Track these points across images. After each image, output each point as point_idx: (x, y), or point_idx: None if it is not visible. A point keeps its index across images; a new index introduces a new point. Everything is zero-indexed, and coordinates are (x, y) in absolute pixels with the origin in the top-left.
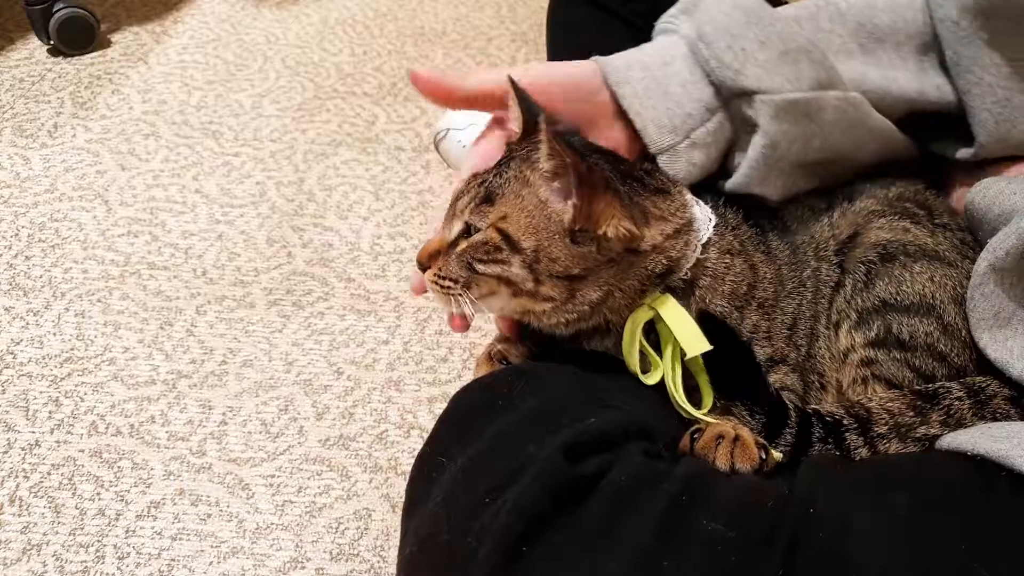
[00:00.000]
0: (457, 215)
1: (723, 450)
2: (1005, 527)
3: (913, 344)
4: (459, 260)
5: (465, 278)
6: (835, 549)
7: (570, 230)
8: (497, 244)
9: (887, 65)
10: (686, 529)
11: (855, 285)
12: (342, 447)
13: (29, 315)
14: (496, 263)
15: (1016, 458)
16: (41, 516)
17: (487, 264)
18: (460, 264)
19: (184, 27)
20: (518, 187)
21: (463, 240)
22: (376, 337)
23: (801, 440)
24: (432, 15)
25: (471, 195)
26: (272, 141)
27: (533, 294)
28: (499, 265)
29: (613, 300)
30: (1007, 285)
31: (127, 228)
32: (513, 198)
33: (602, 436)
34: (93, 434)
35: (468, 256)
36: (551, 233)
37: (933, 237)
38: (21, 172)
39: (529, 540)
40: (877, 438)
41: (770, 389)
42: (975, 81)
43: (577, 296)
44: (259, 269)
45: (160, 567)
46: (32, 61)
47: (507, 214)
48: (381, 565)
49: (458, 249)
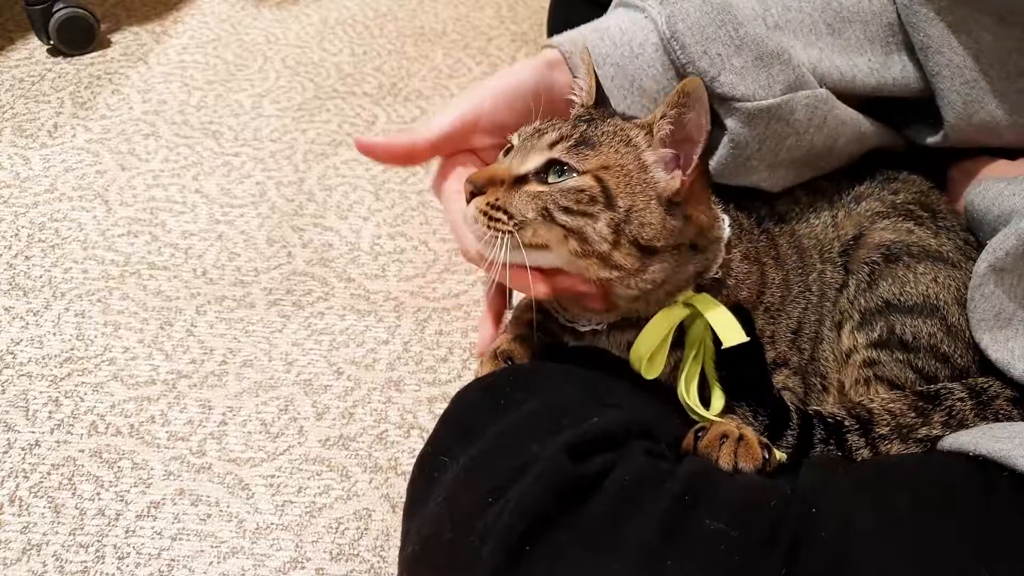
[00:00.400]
0: (536, 149)
1: (727, 449)
2: (1006, 527)
3: (916, 345)
4: (532, 200)
5: (528, 220)
6: (837, 549)
7: (669, 200)
8: (594, 195)
9: (854, 47)
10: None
11: (858, 285)
12: (342, 447)
13: (29, 315)
14: (583, 215)
15: (1018, 458)
16: (41, 516)
17: (572, 215)
18: (531, 204)
19: (184, 27)
20: (618, 144)
21: (541, 179)
22: (376, 337)
23: (803, 441)
24: (432, 15)
25: (558, 132)
26: (272, 141)
27: (604, 258)
28: (584, 218)
29: (664, 289)
30: (1007, 285)
31: (127, 228)
32: (613, 152)
33: (605, 435)
34: (93, 434)
35: (552, 200)
36: (647, 198)
37: (937, 238)
38: (21, 172)
39: (532, 539)
40: (879, 439)
41: (774, 391)
42: (945, 63)
43: (646, 272)
44: (259, 269)
45: (160, 567)
46: (32, 61)
47: (608, 165)
48: (381, 565)
49: (538, 189)
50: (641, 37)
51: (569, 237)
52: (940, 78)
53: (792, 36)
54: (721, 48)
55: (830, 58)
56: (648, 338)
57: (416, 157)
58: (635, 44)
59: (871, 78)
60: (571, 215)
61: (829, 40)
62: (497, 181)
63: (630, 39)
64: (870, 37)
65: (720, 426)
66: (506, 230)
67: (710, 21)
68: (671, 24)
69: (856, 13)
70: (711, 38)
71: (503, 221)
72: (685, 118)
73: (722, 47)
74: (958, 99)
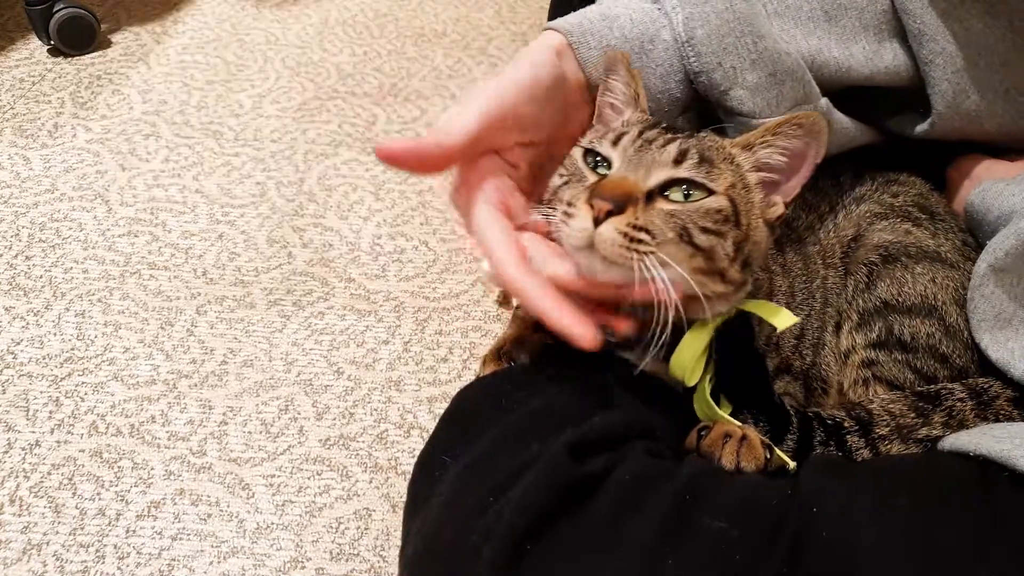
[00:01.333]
0: (658, 163)
1: (729, 449)
2: (1007, 527)
3: (914, 345)
4: (670, 219)
5: (666, 240)
6: (838, 549)
7: (772, 223)
8: (728, 215)
9: (849, 35)
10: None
11: (856, 286)
12: (342, 447)
13: (29, 315)
14: (717, 235)
15: (1018, 459)
16: (41, 516)
17: (709, 235)
18: (670, 224)
19: (184, 27)
20: (727, 162)
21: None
22: (376, 337)
23: (803, 444)
24: (432, 15)
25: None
26: (272, 141)
27: (722, 274)
28: (718, 238)
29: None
30: (1007, 286)
31: (127, 228)
32: (728, 171)
33: (606, 435)
34: (93, 434)
35: (691, 220)
36: (757, 218)
37: (935, 239)
38: (21, 172)
39: (533, 539)
40: (879, 439)
41: (775, 397)
42: (938, 51)
43: (745, 286)
44: (259, 269)
45: (160, 567)
46: (32, 61)
47: (734, 184)
48: (381, 565)
49: (672, 207)
50: (652, 32)
51: (697, 255)
52: (932, 66)
53: (792, 24)
54: (737, 61)
55: (828, 47)
56: (690, 348)
57: (445, 162)
58: (646, 39)
59: (865, 67)
60: (708, 235)
61: (826, 27)
62: (633, 199)
63: (641, 33)
64: (864, 24)
65: (723, 426)
66: (649, 251)
67: (730, 31)
68: (689, 28)
69: (851, 0)
70: (728, 49)
71: (646, 243)
72: (793, 150)
73: (738, 60)
74: (948, 87)
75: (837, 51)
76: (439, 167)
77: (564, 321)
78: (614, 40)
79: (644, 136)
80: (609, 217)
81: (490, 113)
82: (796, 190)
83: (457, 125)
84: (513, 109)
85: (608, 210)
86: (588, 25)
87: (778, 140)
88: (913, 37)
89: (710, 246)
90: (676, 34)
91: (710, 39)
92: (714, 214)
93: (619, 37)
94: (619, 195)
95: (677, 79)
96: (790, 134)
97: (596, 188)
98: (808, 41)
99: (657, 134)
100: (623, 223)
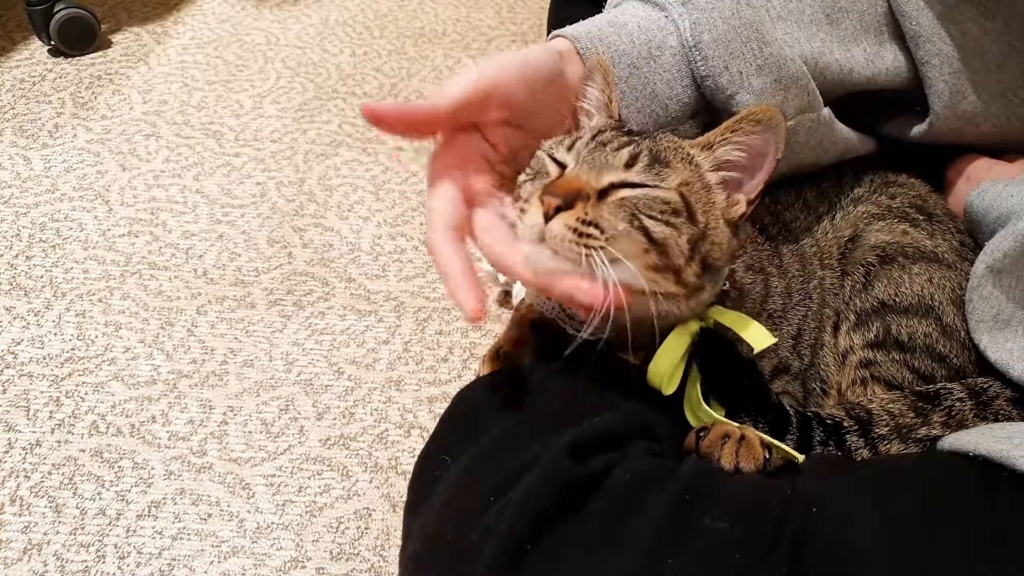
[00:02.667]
0: (610, 167)
1: (728, 449)
2: (1006, 527)
3: (912, 345)
4: (620, 208)
5: (617, 233)
6: (839, 548)
7: (734, 222)
8: (678, 208)
9: (850, 37)
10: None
11: (854, 286)
12: (342, 447)
13: (30, 315)
14: (669, 225)
15: (1017, 459)
16: (42, 516)
17: (659, 222)
18: (620, 214)
19: (185, 28)
20: (684, 162)
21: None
22: (376, 337)
23: (802, 444)
24: (432, 16)
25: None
26: (273, 141)
27: (677, 272)
28: (671, 229)
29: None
30: (1006, 287)
31: (128, 228)
32: (684, 170)
33: (606, 435)
34: (94, 434)
35: (638, 208)
36: (716, 217)
37: (932, 239)
38: (22, 172)
39: (534, 539)
40: (878, 439)
41: (773, 398)
42: (935, 52)
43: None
44: (260, 269)
45: (161, 566)
46: (33, 62)
47: (688, 182)
48: (381, 564)
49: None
50: (660, 39)
51: (650, 250)
52: (930, 67)
53: (796, 27)
54: (743, 66)
55: (831, 50)
56: (667, 355)
57: (434, 125)
58: (653, 46)
59: (867, 69)
60: (659, 224)
61: (828, 30)
62: (583, 195)
63: (648, 39)
64: (865, 27)
65: (722, 426)
66: (598, 245)
67: (736, 36)
68: (696, 33)
69: (852, 2)
70: (735, 54)
71: (595, 236)
72: (753, 146)
73: (744, 65)
74: (945, 88)
75: (839, 53)
76: (424, 129)
77: (457, 289)
78: (623, 46)
79: (598, 139)
80: (559, 212)
81: (484, 85)
82: (759, 187)
83: (451, 91)
84: (505, 86)
85: (557, 206)
86: (597, 32)
87: (736, 136)
88: (910, 39)
89: (663, 237)
90: (683, 39)
91: (717, 43)
92: (662, 204)
93: (627, 43)
94: (569, 192)
95: (684, 84)
96: (748, 130)
97: (548, 186)
98: (811, 44)
99: (612, 136)
100: (572, 218)
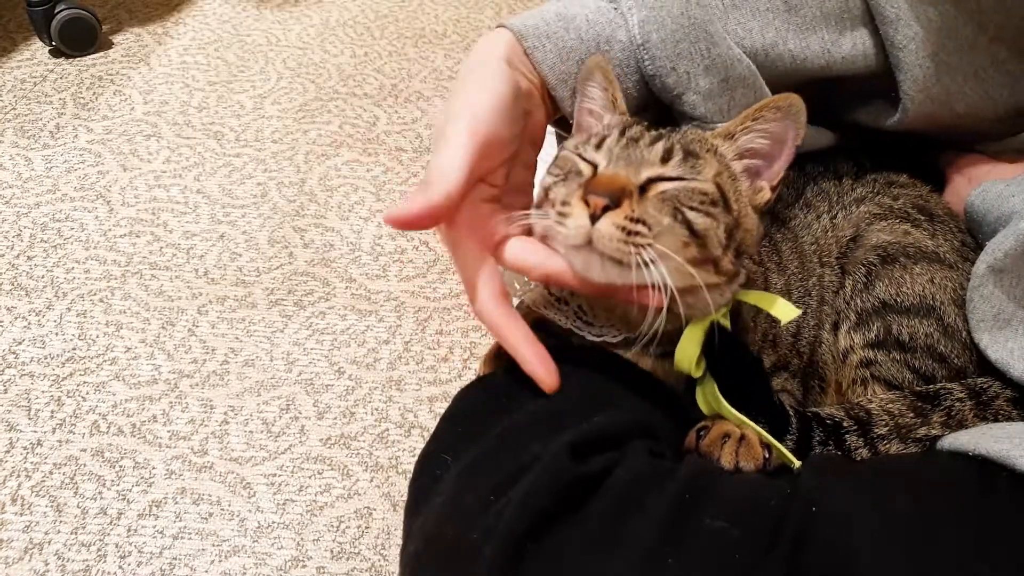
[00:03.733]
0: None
1: (728, 448)
2: (1006, 527)
3: (913, 345)
4: (663, 203)
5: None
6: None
7: (760, 209)
8: (715, 198)
9: (808, 25)
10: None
11: (855, 286)
12: (343, 446)
13: (31, 315)
14: (709, 216)
15: (1017, 459)
16: (43, 515)
17: (700, 214)
18: (663, 208)
19: (185, 28)
20: (711, 154)
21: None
22: (377, 337)
23: (802, 444)
24: (432, 16)
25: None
26: (273, 142)
27: (716, 262)
28: (711, 219)
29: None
30: (1006, 286)
31: (129, 228)
32: (713, 161)
33: (607, 435)
34: (95, 433)
35: (679, 201)
36: (745, 205)
37: (933, 239)
38: (23, 172)
39: (534, 538)
40: (877, 439)
41: (774, 398)
42: (912, 35)
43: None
44: (260, 269)
45: (162, 566)
46: (34, 62)
47: (720, 172)
48: (382, 563)
49: (662, 189)
50: (608, 33)
51: (691, 243)
52: (906, 51)
53: (750, 16)
54: (691, 66)
55: (784, 40)
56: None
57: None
58: (602, 40)
59: (821, 58)
60: (701, 215)
61: (786, 18)
62: (627, 193)
63: (597, 34)
64: (825, 14)
65: (722, 425)
66: (646, 243)
67: (684, 36)
68: (644, 31)
69: None
70: (683, 54)
71: (643, 234)
72: (774, 133)
73: (692, 65)
74: (920, 72)
75: (793, 43)
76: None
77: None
78: (571, 42)
79: (628, 135)
80: (606, 212)
81: (475, 149)
82: (780, 174)
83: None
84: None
85: (604, 205)
86: (544, 27)
87: (758, 124)
88: (889, 23)
89: (704, 228)
90: (631, 36)
91: (664, 44)
92: (700, 195)
93: (575, 39)
94: (614, 190)
95: (633, 80)
96: (769, 117)
97: (590, 184)
98: (764, 34)
99: (641, 132)
100: (621, 216)
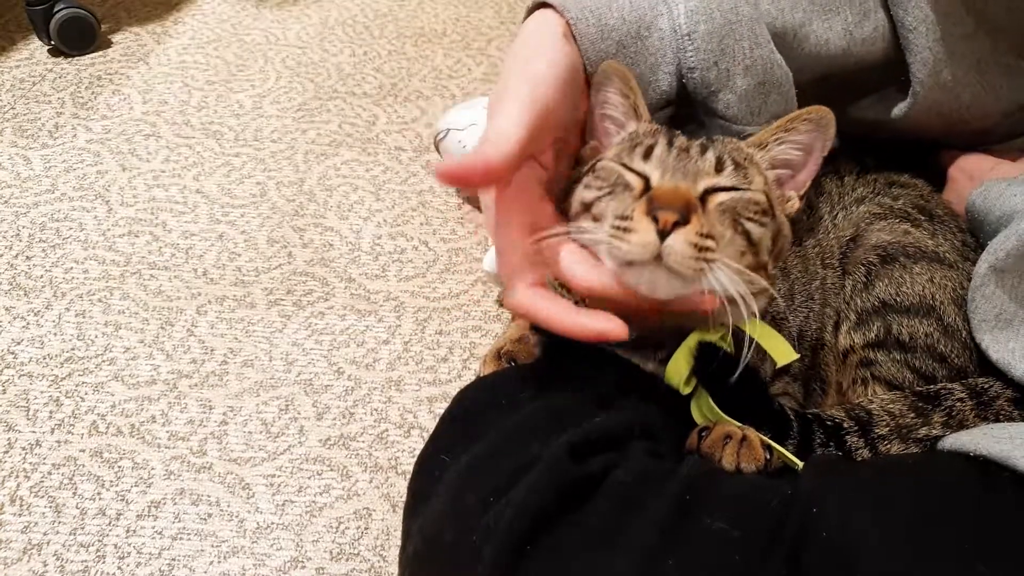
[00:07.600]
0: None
1: (730, 449)
2: (1007, 527)
3: (913, 345)
4: (724, 215)
5: (725, 239)
6: (839, 549)
7: (790, 217)
8: (765, 208)
9: (833, 7)
10: (691, 528)
11: (855, 286)
12: (342, 447)
13: (30, 315)
14: (762, 225)
15: (1018, 459)
16: (42, 516)
17: (755, 223)
18: (725, 220)
19: (185, 27)
20: (749, 163)
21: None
22: (376, 337)
23: (803, 446)
24: (432, 15)
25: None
26: (273, 141)
27: (765, 268)
28: (763, 228)
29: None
30: (1008, 286)
31: (128, 228)
32: (755, 170)
33: (607, 436)
34: (94, 434)
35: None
36: (782, 212)
37: (933, 239)
38: (22, 172)
39: (534, 539)
40: (878, 439)
41: (774, 405)
42: (922, 18)
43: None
44: (259, 269)
45: (161, 566)
46: (33, 61)
47: (766, 180)
48: (382, 564)
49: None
50: (650, 19)
51: (747, 252)
52: (916, 33)
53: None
54: (731, 64)
55: (810, 19)
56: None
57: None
58: (643, 25)
59: (843, 39)
60: (756, 224)
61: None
62: (693, 207)
63: (639, 17)
64: None
65: (724, 426)
66: (715, 258)
67: (731, 31)
68: (692, 21)
69: None
70: (726, 51)
71: (712, 249)
72: (804, 144)
73: (732, 63)
74: (929, 55)
75: (818, 24)
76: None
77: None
78: (612, 20)
79: (676, 144)
80: (675, 228)
81: (536, 116)
82: (807, 184)
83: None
84: (553, 110)
85: (675, 221)
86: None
87: (791, 136)
88: (900, 3)
89: (759, 237)
90: (675, 25)
91: (711, 36)
92: (754, 205)
93: (617, 18)
94: (682, 205)
95: (667, 71)
96: (802, 129)
97: (654, 199)
98: (794, 15)
99: (687, 142)
100: (692, 232)
